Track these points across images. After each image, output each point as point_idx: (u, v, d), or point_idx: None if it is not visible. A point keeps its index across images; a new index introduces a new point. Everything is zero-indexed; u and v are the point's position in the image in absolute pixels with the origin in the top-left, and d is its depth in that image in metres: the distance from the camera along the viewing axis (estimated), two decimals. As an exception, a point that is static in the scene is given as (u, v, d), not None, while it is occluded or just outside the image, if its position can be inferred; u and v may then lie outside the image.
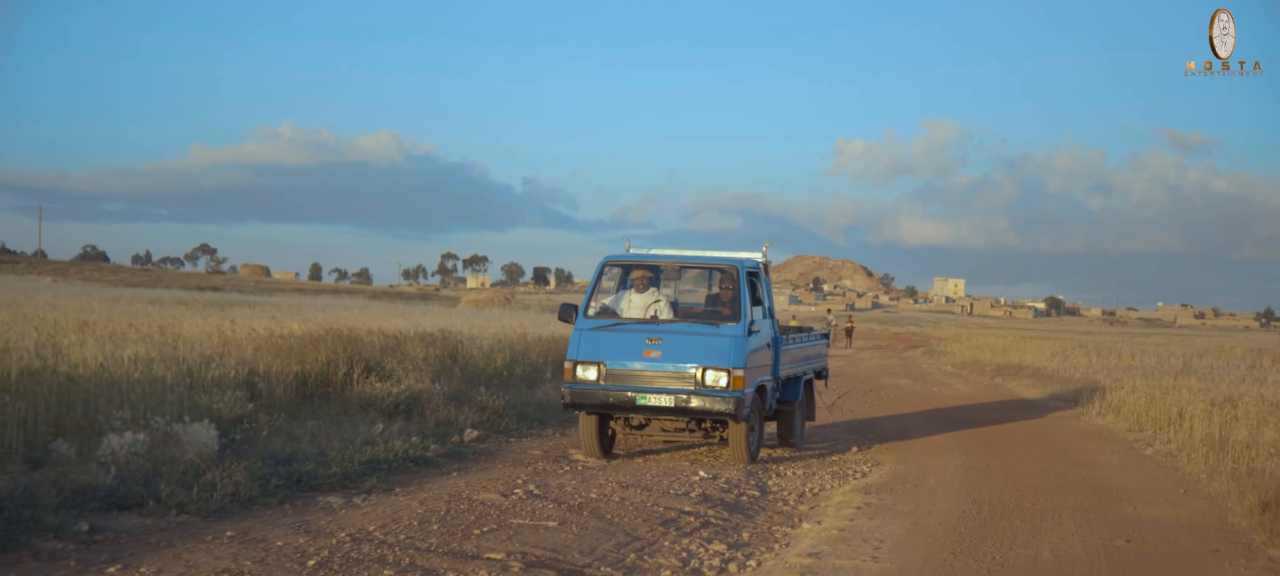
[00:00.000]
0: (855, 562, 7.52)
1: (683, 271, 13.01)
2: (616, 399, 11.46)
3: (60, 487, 8.02)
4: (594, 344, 11.63)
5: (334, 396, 13.43)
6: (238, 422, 10.88)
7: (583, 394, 11.53)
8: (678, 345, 11.47)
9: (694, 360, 11.34)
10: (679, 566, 7.38)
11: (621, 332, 11.69)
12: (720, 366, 11.27)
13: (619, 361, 11.51)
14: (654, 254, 12.62)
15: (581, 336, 11.72)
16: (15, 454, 8.88)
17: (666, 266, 12.55)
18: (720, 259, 12.36)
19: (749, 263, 12.23)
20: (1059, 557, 7.75)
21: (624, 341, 11.61)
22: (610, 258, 12.46)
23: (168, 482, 8.45)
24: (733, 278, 12.01)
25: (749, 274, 12.07)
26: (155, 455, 9.18)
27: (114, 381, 10.99)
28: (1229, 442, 12.19)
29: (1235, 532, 8.65)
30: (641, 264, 12.35)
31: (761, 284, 12.50)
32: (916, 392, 23.29)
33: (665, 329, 11.66)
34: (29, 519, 7.21)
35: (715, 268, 12.46)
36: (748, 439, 11.66)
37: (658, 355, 11.43)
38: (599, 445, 11.88)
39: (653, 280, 12.39)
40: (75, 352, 12.12)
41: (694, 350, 11.39)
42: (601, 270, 12.30)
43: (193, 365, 12.38)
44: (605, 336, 11.67)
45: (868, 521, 8.91)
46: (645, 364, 11.44)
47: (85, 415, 10.06)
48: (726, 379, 11.22)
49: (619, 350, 11.55)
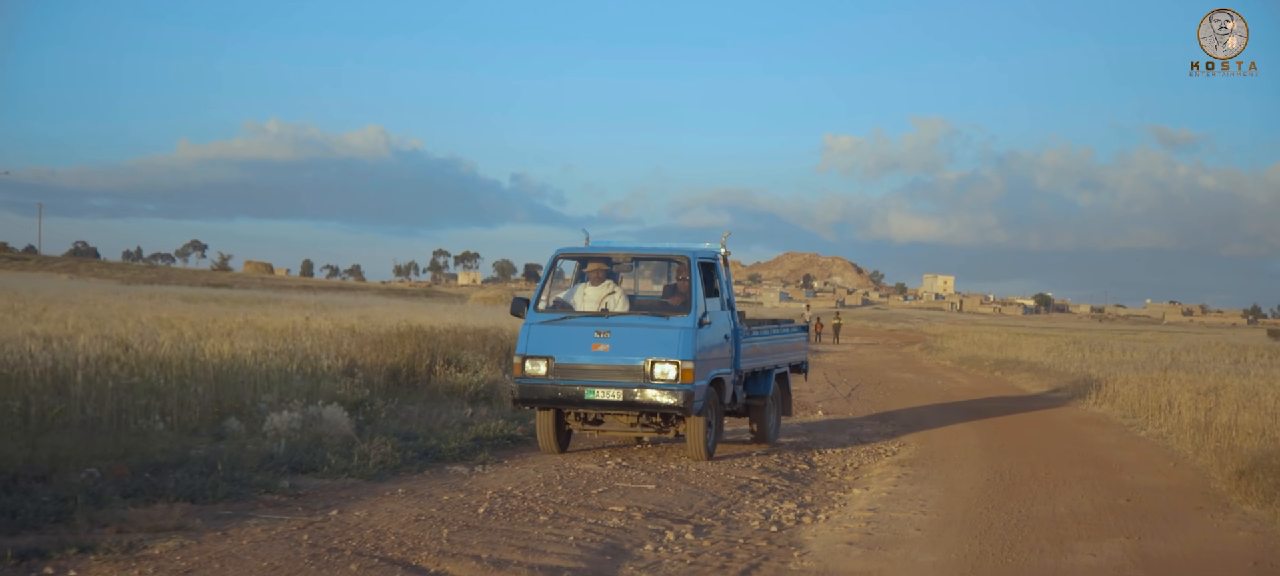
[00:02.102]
0: (908, 515, 9.26)
1: (637, 263, 12.96)
2: (565, 393, 11.29)
3: (242, 456, 9.71)
4: (543, 338, 11.47)
5: (421, 385, 15.15)
6: (359, 406, 12.60)
7: (532, 389, 11.40)
8: (626, 338, 11.31)
9: (642, 353, 11.18)
10: (763, 519, 9.07)
11: (570, 326, 11.51)
12: (669, 359, 11.11)
13: (567, 355, 11.34)
14: (605, 245, 12.51)
15: (531, 331, 11.57)
16: (201, 429, 10.61)
17: (619, 258, 12.38)
18: (672, 249, 12.23)
19: (704, 253, 12.06)
20: (1073, 512, 9.50)
21: (572, 335, 11.43)
22: (563, 250, 12.33)
23: (329, 453, 10.14)
24: (685, 268, 11.82)
25: (703, 264, 11.86)
26: (308, 431, 10.90)
27: (250, 371, 12.67)
28: (1212, 425, 13.96)
29: (1216, 495, 10.44)
30: (594, 255, 12.17)
31: (718, 275, 12.25)
32: (923, 386, 25.04)
33: (614, 322, 11.48)
34: (241, 477, 8.91)
35: (668, 259, 12.36)
36: (705, 434, 11.54)
37: (606, 349, 11.27)
38: (556, 441, 11.81)
39: (609, 273, 12.19)
40: (205, 347, 13.79)
41: (642, 343, 11.24)
42: (553, 262, 12.19)
43: (303, 358, 14.07)
44: (554, 330, 11.51)
45: (909, 487, 10.65)
46: (593, 358, 11.28)
47: (238, 399, 11.77)
48: (675, 371, 11.07)
49: (567, 344, 11.39)
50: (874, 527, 8.74)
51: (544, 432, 11.79)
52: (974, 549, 8.05)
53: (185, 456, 9.45)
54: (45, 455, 8.58)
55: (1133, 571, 7.54)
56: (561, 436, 11.90)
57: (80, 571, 6.30)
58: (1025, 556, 7.87)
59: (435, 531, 7.78)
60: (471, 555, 7.20)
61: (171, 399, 10.89)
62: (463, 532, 7.82)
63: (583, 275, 12.30)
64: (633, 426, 11.81)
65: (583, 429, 11.99)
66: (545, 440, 11.80)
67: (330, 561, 6.84)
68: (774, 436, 13.48)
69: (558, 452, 11.79)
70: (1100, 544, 8.33)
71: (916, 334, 65.73)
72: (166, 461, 9.18)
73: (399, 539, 7.50)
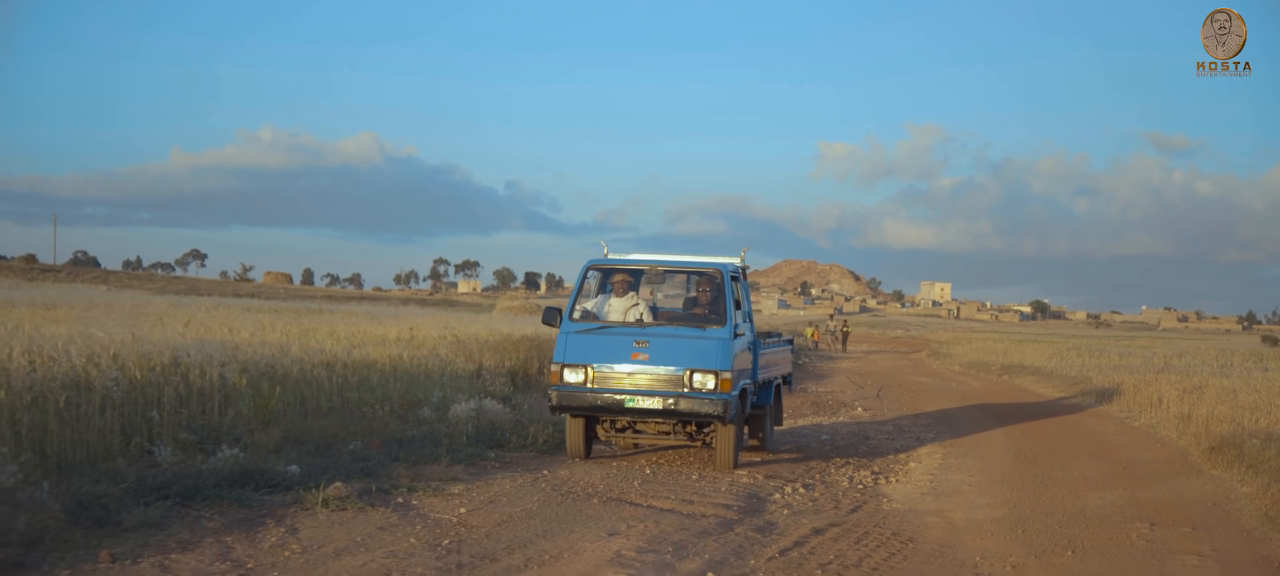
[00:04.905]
0: (959, 478, 12.28)
1: (667, 276, 13.23)
2: (605, 401, 11.52)
3: (452, 434, 12.66)
4: (580, 347, 11.69)
5: (533, 383, 18.15)
6: (506, 399, 15.59)
7: (570, 396, 11.61)
8: (665, 348, 11.55)
9: (682, 363, 11.43)
10: (849, 482, 12.00)
11: (608, 336, 11.75)
12: (708, 369, 11.38)
13: (606, 364, 11.57)
14: (637, 258, 12.66)
15: (568, 339, 11.76)
16: (398, 414, 13.60)
17: (651, 271, 12.73)
18: (704, 263, 12.47)
19: (730, 266, 12.40)
20: (1083, 475, 12.54)
21: (611, 344, 11.67)
22: (593, 261, 12.48)
23: (508, 433, 13.10)
24: (717, 282, 12.20)
25: (731, 278, 12.22)
26: (482, 419, 13.87)
27: (411, 372, 15.64)
28: (1193, 416, 16.99)
29: (1192, 464, 13.51)
30: (623, 268, 12.47)
31: (740, 288, 12.66)
32: (939, 388, 28.00)
33: (652, 332, 11.75)
34: (458, 449, 11.86)
35: (699, 272, 12.62)
36: (734, 442, 11.91)
37: (645, 358, 11.50)
38: (584, 447, 12.12)
39: (632, 284, 12.55)
40: (363, 355, 16.75)
41: (681, 353, 11.49)
42: (585, 274, 12.45)
43: (442, 361, 17.06)
44: (591, 339, 11.73)
45: (955, 460, 13.67)
46: (633, 366, 11.51)
47: (408, 394, 14.74)
48: (714, 381, 11.35)
49: (606, 353, 11.61)
50: (936, 485, 11.77)
51: (574, 439, 12.07)
52: (1013, 496, 11.08)
53: (407, 435, 12.42)
54: (322, 433, 11.58)
55: (1128, 508, 10.58)
56: (589, 443, 12.26)
57: (418, 501, 9.28)
58: (1050, 501, 10.88)
59: (627, 484, 10.78)
60: (662, 498, 10.19)
61: (379, 393, 13.88)
62: (646, 485, 10.82)
63: (606, 286, 12.63)
64: (661, 433, 12.17)
65: (614, 437, 12.37)
66: (574, 447, 12.09)
67: (574, 498, 9.84)
68: (773, 444, 13.95)
69: (584, 459, 12.13)
70: (1104, 493, 11.38)
71: (921, 341, 68.43)
72: (399, 438, 12.15)
73: (606, 487, 10.51)
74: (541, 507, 9.40)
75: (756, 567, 7.83)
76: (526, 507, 9.35)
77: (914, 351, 54.99)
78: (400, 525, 8.40)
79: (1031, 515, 10.11)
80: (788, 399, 20.78)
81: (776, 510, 10.06)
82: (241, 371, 11.93)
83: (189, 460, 9.79)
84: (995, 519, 9.92)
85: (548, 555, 7.82)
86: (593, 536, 8.44)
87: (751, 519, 9.52)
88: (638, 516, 9.28)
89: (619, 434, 12.29)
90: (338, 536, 7.94)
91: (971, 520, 9.87)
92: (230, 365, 12.01)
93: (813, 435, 15.97)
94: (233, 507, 8.50)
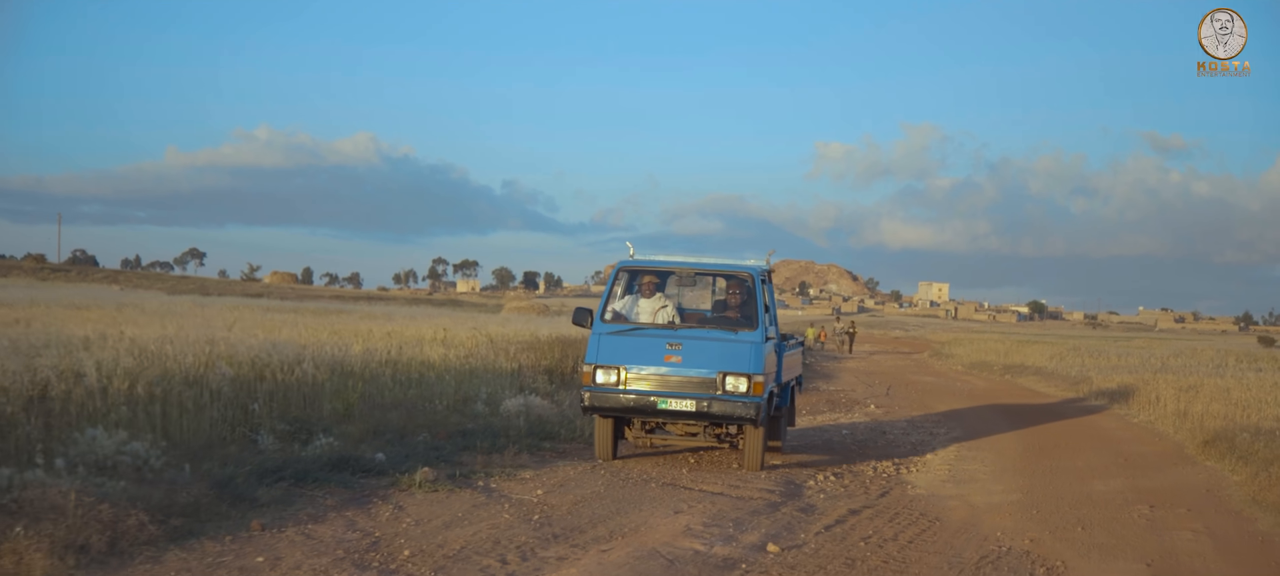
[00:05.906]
0: (974, 467, 13.42)
1: (697, 278, 13.39)
2: (638, 403, 11.67)
3: (507, 426, 13.76)
4: (613, 348, 11.84)
5: (569, 381, 19.25)
6: (550, 396, 16.71)
7: (603, 397, 11.75)
8: (698, 350, 11.70)
9: (714, 366, 11.59)
10: (874, 471, 13.11)
11: (641, 337, 11.91)
12: (741, 372, 11.55)
13: (639, 365, 11.74)
14: (667, 260, 12.80)
15: (600, 341, 11.91)
16: (454, 409, 14.71)
17: (682, 273, 12.91)
18: (735, 266, 12.65)
19: (759, 270, 12.58)
20: (1088, 465, 13.70)
21: (644, 346, 11.83)
22: (625, 263, 12.65)
23: (558, 426, 14.20)
24: (747, 285, 12.42)
25: (760, 281, 12.41)
26: (530, 414, 14.97)
27: (460, 370, 16.75)
28: (1188, 413, 18.13)
29: (1187, 456, 14.68)
30: (654, 270, 12.61)
31: (768, 291, 12.82)
32: (945, 387, 29.09)
33: (684, 334, 11.89)
34: (516, 440, 12.96)
35: (730, 275, 12.71)
36: (762, 443, 12.16)
37: (678, 360, 11.65)
38: (612, 447, 12.27)
39: (658, 285, 12.68)
40: (413, 354, 17.86)
41: (714, 356, 11.65)
42: (616, 276, 12.58)
43: (486, 360, 18.17)
44: (624, 341, 11.89)
45: (969, 452, 14.81)
46: (666, 368, 11.66)
47: (460, 390, 15.85)
48: (747, 384, 11.53)
49: (639, 354, 11.77)
50: (954, 474, 12.91)
51: (603, 439, 12.21)
52: (1025, 483, 12.23)
53: (466, 427, 13.52)
54: (393, 425, 12.70)
55: (1130, 493, 11.74)
56: (617, 444, 12.42)
57: (498, 485, 10.40)
58: (1059, 487, 12.02)
59: (676, 472, 11.91)
60: (711, 484, 11.32)
61: (435, 389, 15.01)
62: (693, 472, 11.96)
63: (633, 288, 12.74)
64: (692, 436, 12.41)
65: (641, 438, 12.56)
66: (603, 447, 12.23)
67: (632, 484, 10.97)
68: (785, 442, 14.14)
69: (611, 459, 12.25)
70: (1107, 481, 12.53)
71: (922, 341, 69.31)
72: (460, 430, 13.26)
73: (659, 475, 11.64)
74: (608, 490, 10.54)
75: (806, 540, 8.97)
76: (595, 490, 10.49)
77: (916, 352, 55.88)
78: (489, 504, 9.52)
79: (1043, 499, 11.25)
80: (803, 397, 21.93)
81: (813, 494, 11.19)
82: (319, 369, 13.05)
83: (287, 448, 10.90)
84: (1011, 502, 11.07)
85: (627, 527, 8.97)
86: (661, 514, 9.59)
87: (793, 502, 10.66)
88: (694, 498, 10.42)
89: (647, 435, 12.49)
90: (441, 512, 9.07)
91: (990, 503, 11.01)
92: (307, 363, 13.13)
93: (834, 431, 17.09)
94: (339, 489, 9.62)
